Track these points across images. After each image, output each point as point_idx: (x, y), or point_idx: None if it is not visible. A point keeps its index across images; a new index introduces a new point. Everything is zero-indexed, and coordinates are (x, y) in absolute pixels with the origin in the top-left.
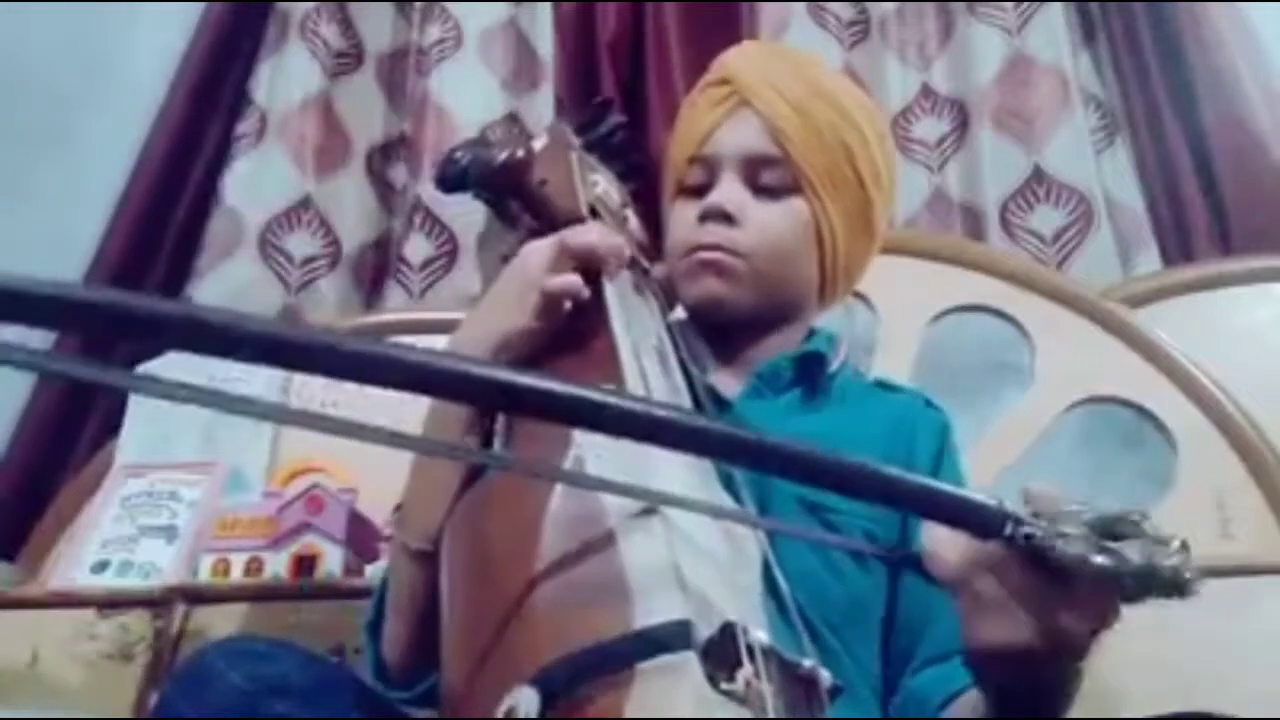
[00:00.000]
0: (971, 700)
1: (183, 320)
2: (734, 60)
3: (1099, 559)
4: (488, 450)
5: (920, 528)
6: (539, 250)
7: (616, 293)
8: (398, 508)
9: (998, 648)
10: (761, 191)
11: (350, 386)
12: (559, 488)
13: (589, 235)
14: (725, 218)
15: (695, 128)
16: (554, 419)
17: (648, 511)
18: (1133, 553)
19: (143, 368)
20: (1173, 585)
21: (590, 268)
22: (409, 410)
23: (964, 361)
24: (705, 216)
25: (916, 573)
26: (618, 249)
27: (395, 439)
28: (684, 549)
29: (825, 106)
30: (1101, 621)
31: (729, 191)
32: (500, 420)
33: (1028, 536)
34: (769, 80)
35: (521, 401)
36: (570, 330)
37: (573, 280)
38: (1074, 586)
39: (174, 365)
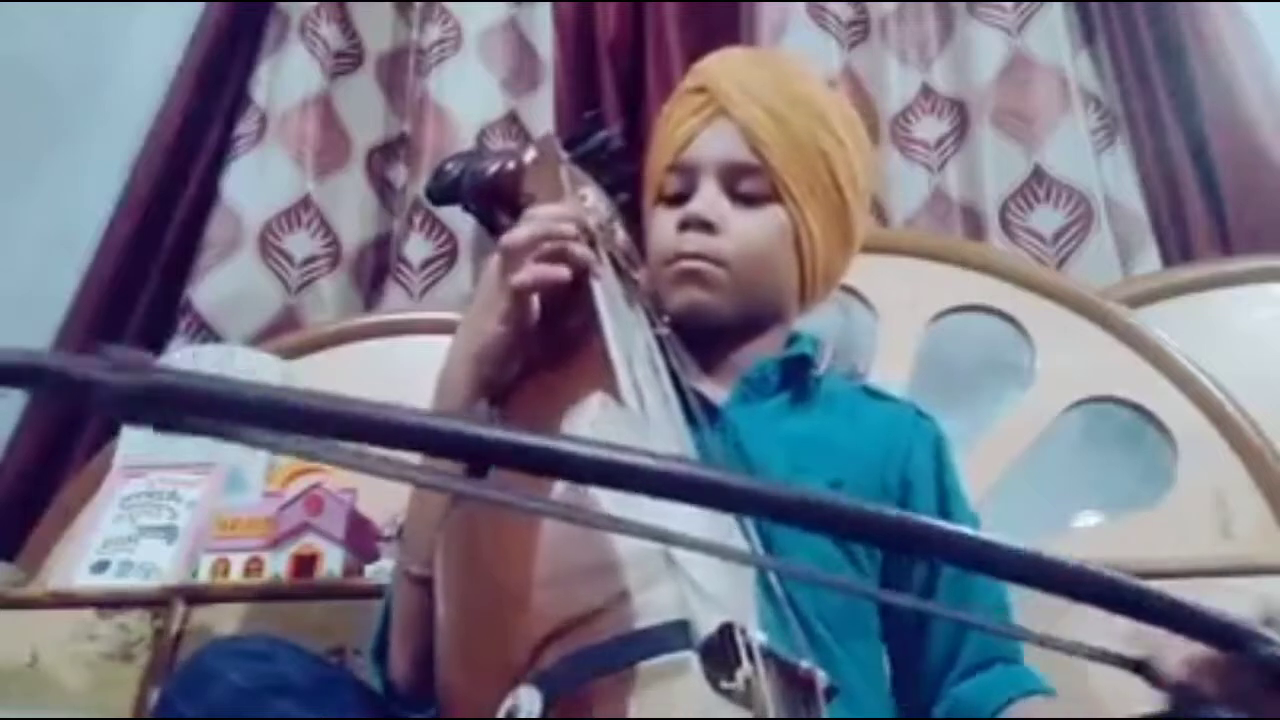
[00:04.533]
0: (1027, 706)
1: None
2: (710, 68)
3: None
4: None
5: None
6: (504, 254)
7: (608, 303)
8: (399, 531)
9: None
10: (740, 200)
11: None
12: (554, 490)
13: (523, 230)
14: (705, 226)
15: (672, 136)
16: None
17: None
18: None
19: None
20: None
21: (555, 257)
22: None
23: (964, 361)
24: (686, 225)
25: (1133, 674)
26: (561, 220)
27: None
28: (680, 554)
29: (803, 114)
30: None
31: (708, 200)
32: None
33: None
34: (746, 88)
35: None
36: (563, 341)
37: (542, 270)
38: None
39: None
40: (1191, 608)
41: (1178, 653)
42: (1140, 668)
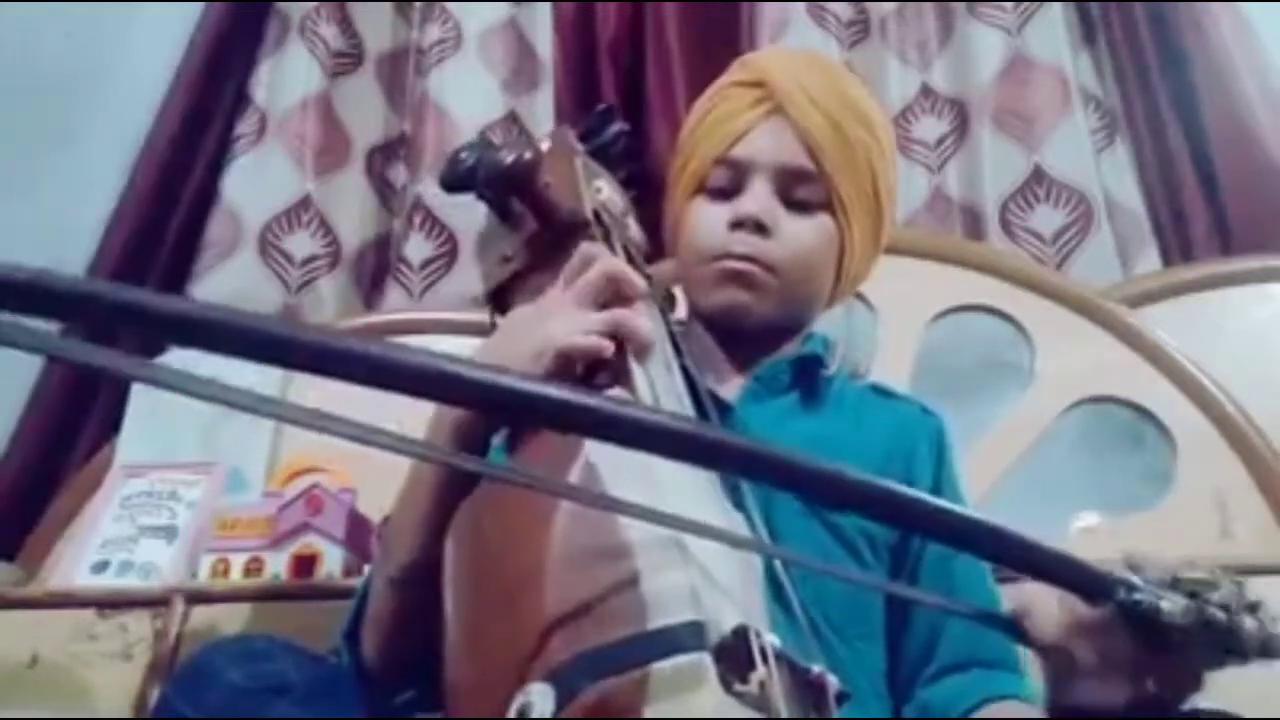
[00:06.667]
0: (996, 710)
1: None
2: (766, 63)
3: (1217, 621)
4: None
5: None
6: (571, 317)
7: None
8: (379, 531)
9: (1089, 710)
10: (793, 205)
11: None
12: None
13: (647, 326)
14: (760, 228)
15: (724, 128)
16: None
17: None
18: (1243, 621)
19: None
20: (1269, 648)
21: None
22: (415, 411)
23: (964, 361)
24: (739, 224)
25: (1007, 633)
26: (650, 340)
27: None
28: (692, 545)
29: (856, 123)
30: (1191, 686)
31: (763, 201)
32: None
33: (1136, 603)
34: (806, 90)
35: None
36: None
37: (598, 343)
38: (1169, 652)
39: (176, 362)
40: (1053, 553)
41: (1048, 611)
42: (1011, 625)
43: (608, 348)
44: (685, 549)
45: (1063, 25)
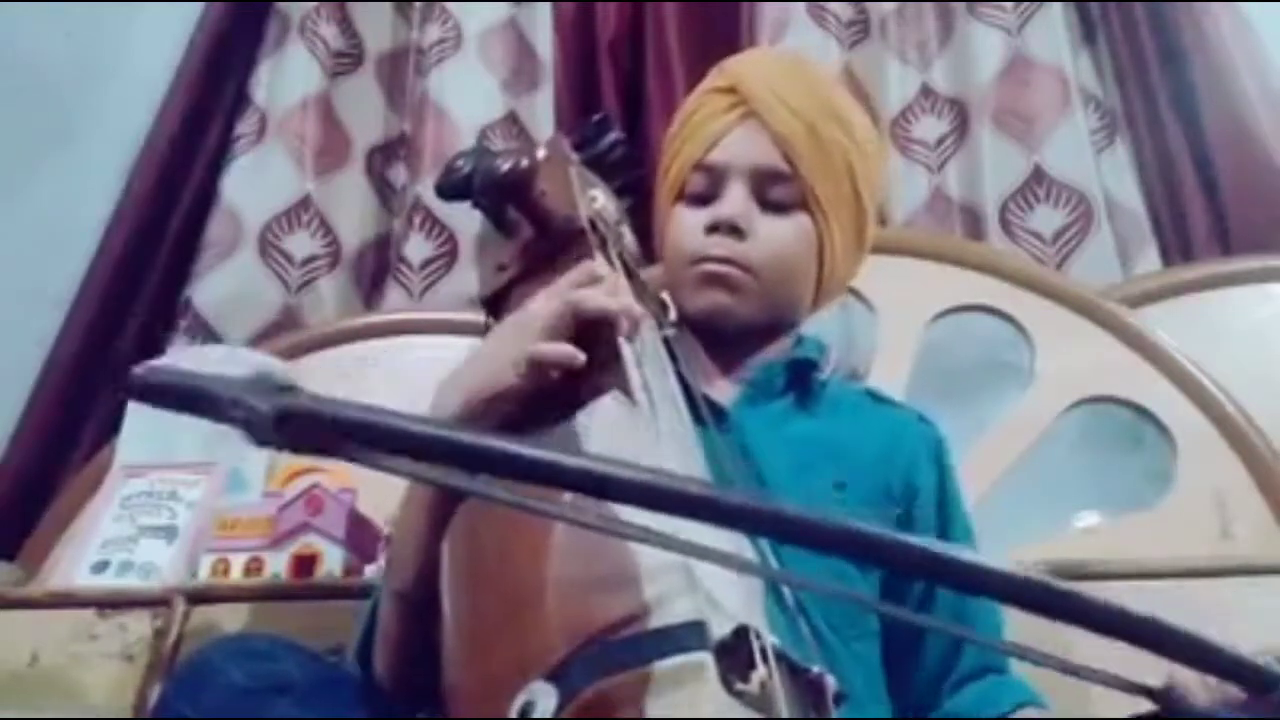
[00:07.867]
0: (1029, 713)
1: None
2: (740, 68)
3: None
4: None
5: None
6: (543, 313)
7: None
8: (388, 539)
9: None
10: (768, 206)
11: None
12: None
13: (600, 299)
14: (735, 230)
15: (700, 134)
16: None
17: None
18: None
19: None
20: None
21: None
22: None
23: (964, 362)
24: (715, 228)
25: (1154, 703)
26: (630, 309)
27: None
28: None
29: (834, 127)
30: None
31: (738, 204)
32: None
33: None
34: (779, 94)
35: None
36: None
37: (565, 351)
38: None
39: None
40: (1214, 646)
41: (1195, 685)
42: (1158, 696)
43: (577, 357)
44: (691, 570)
45: (1063, 25)
